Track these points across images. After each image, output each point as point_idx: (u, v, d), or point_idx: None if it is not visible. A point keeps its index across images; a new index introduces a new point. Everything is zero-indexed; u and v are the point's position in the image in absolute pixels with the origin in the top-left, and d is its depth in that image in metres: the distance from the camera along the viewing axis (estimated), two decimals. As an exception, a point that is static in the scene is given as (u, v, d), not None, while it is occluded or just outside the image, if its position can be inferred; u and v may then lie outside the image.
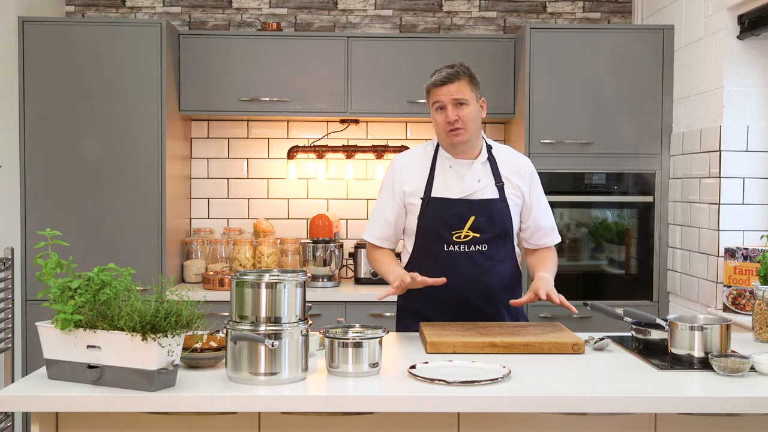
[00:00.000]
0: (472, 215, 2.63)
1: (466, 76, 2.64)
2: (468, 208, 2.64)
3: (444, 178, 2.69)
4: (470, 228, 2.63)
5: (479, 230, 2.64)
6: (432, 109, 2.68)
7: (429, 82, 2.67)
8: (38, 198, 3.76)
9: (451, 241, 2.64)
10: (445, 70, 2.65)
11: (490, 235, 2.65)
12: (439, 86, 2.63)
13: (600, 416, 2.02)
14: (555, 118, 3.83)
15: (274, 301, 1.98)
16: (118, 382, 1.91)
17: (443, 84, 2.62)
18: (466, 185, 2.67)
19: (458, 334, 2.41)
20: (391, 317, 3.77)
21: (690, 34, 3.65)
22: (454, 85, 2.61)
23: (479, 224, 2.63)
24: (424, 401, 1.90)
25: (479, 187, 2.67)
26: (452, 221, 2.64)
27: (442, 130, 2.65)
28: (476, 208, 2.64)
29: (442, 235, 2.64)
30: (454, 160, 2.70)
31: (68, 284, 1.95)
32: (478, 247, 2.64)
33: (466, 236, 2.63)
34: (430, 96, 2.67)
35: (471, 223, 2.63)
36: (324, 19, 4.41)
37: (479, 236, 2.64)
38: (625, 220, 3.96)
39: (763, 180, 3.37)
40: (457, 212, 2.64)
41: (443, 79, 2.62)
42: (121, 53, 3.76)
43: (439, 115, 2.65)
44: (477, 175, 2.68)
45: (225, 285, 3.86)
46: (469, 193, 2.66)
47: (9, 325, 3.59)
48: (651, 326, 2.41)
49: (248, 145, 4.39)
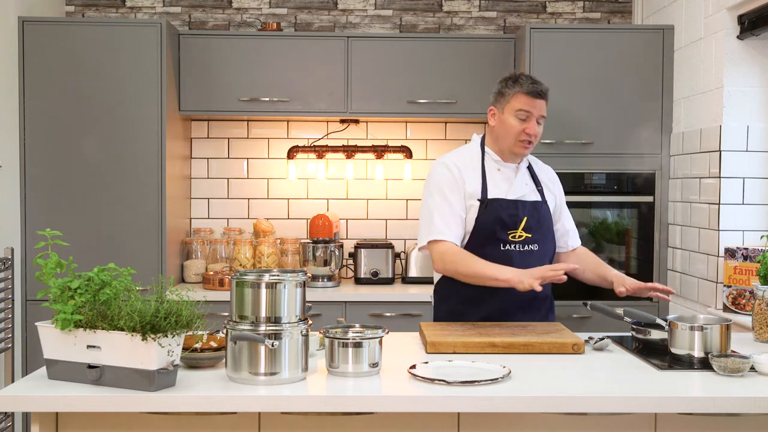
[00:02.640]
0: (525, 216, 2.71)
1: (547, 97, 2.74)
2: (521, 209, 2.72)
3: (495, 181, 2.76)
4: (523, 228, 2.70)
5: (530, 230, 2.71)
6: (510, 113, 2.71)
7: (523, 88, 2.69)
8: (38, 198, 3.76)
9: (507, 240, 2.69)
10: (540, 85, 2.71)
11: (539, 236, 2.73)
12: (534, 98, 2.69)
13: (600, 416, 2.02)
14: (555, 118, 3.82)
15: (274, 301, 1.98)
16: (118, 382, 1.91)
17: (540, 97, 2.70)
18: (516, 187, 2.75)
19: (458, 334, 2.41)
20: (392, 317, 3.78)
21: (690, 34, 3.64)
22: (544, 102, 2.72)
23: (530, 225, 2.72)
24: (424, 401, 1.90)
25: (527, 190, 2.77)
26: (509, 221, 2.70)
27: (515, 137, 2.71)
28: (528, 210, 2.73)
29: (499, 235, 2.69)
30: (502, 164, 2.78)
31: (68, 284, 1.95)
32: (530, 247, 2.71)
33: (520, 236, 2.70)
34: (517, 101, 2.70)
35: (524, 224, 2.70)
36: (324, 19, 4.41)
37: (531, 236, 2.71)
38: (625, 220, 3.96)
39: (763, 180, 3.36)
40: (514, 213, 2.70)
41: (541, 93, 2.70)
42: (121, 53, 3.76)
43: (519, 124, 2.70)
44: (524, 179, 2.79)
45: (225, 285, 3.86)
46: (520, 194, 2.75)
47: (9, 325, 3.59)
48: (651, 326, 2.41)
49: (248, 145, 4.39)
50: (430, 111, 4.02)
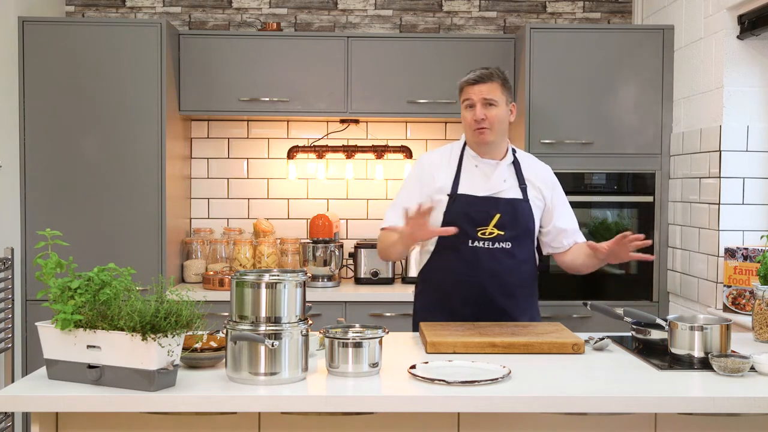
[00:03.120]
0: (497, 213, 2.69)
1: (499, 78, 2.72)
2: (494, 206, 2.70)
3: (470, 176, 2.75)
4: (495, 225, 2.68)
5: (503, 228, 2.69)
6: (462, 106, 2.76)
7: (463, 79, 2.75)
8: (38, 198, 3.75)
9: (476, 237, 2.68)
10: (480, 70, 2.73)
11: (513, 234, 2.70)
12: (471, 84, 2.70)
13: (600, 416, 2.02)
14: (555, 118, 3.82)
15: (274, 301, 1.98)
16: (118, 382, 1.91)
17: (476, 83, 2.70)
18: (492, 184, 2.73)
19: (458, 334, 2.41)
20: (392, 317, 3.78)
21: (690, 34, 3.64)
22: (486, 85, 2.69)
23: (503, 222, 2.69)
24: (424, 401, 1.90)
25: (505, 187, 2.74)
26: (478, 218, 2.69)
27: (469, 127, 2.72)
28: (502, 207, 2.70)
29: (467, 231, 2.67)
30: (481, 160, 2.76)
31: (68, 284, 1.95)
32: (501, 245, 2.69)
33: (490, 233, 2.68)
34: (462, 93, 2.75)
35: (496, 221, 2.68)
36: (324, 19, 4.41)
37: (503, 234, 2.69)
38: (625, 220, 3.96)
39: (763, 180, 3.36)
40: (483, 209, 2.69)
41: (476, 78, 2.70)
42: (121, 53, 3.76)
43: (468, 113, 2.72)
44: (503, 175, 2.75)
45: (225, 285, 3.86)
46: (495, 191, 2.73)
47: (9, 325, 3.59)
48: (651, 326, 2.41)
49: (248, 145, 4.39)
50: (430, 111, 4.02)
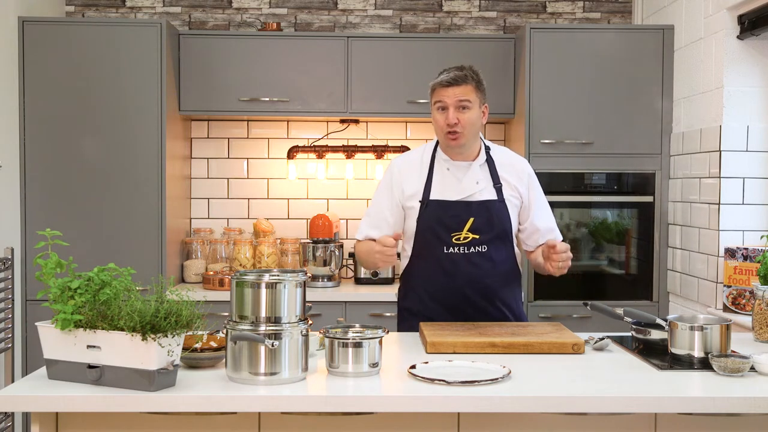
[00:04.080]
0: (471, 217, 2.63)
1: (473, 80, 2.62)
2: (467, 210, 2.64)
3: (442, 181, 2.69)
4: (469, 230, 2.63)
5: (478, 231, 2.63)
6: (433, 108, 2.67)
7: (435, 80, 2.65)
8: (38, 198, 3.75)
9: (450, 243, 2.64)
10: (453, 71, 2.62)
11: (489, 236, 2.65)
12: (444, 87, 2.61)
13: (600, 416, 2.02)
14: (555, 118, 3.82)
15: (274, 301, 1.98)
16: (118, 382, 1.91)
17: (449, 85, 2.60)
18: (464, 187, 2.67)
19: (458, 334, 2.41)
20: (392, 317, 3.78)
21: (690, 34, 3.64)
22: (460, 88, 2.60)
23: (478, 225, 2.63)
24: (424, 401, 1.90)
25: (477, 189, 2.67)
26: (451, 223, 2.63)
27: (441, 130, 2.65)
28: (475, 210, 2.64)
29: (441, 237, 2.64)
30: (452, 162, 2.70)
31: (68, 284, 1.95)
32: (477, 249, 2.64)
33: (465, 238, 2.63)
34: (434, 95, 2.65)
35: (470, 225, 2.63)
36: (324, 19, 4.41)
37: (479, 237, 2.63)
38: (625, 220, 3.96)
39: (763, 180, 3.36)
40: (456, 214, 2.64)
41: (450, 80, 2.60)
42: (121, 53, 3.76)
43: (440, 116, 2.63)
44: (475, 177, 2.68)
45: (225, 285, 3.86)
46: (467, 194, 2.66)
47: (9, 325, 3.59)
48: (651, 326, 2.41)
49: (248, 145, 4.39)
50: (430, 111, 4.01)
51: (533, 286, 3.81)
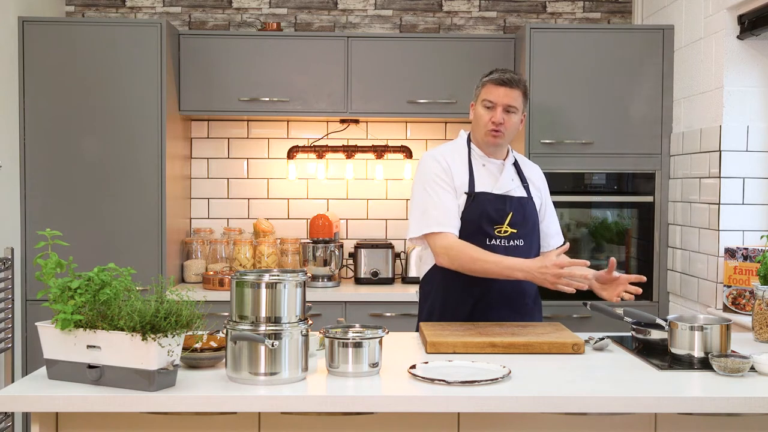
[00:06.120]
0: (510, 211, 2.70)
1: (523, 87, 2.70)
2: (508, 204, 2.71)
3: (481, 176, 2.75)
4: (509, 224, 2.69)
5: (516, 226, 2.70)
6: (479, 103, 2.72)
7: (489, 77, 2.70)
8: (38, 198, 3.75)
9: (493, 235, 2.68)
10: (508, 72, 2.70)
11: (524, 231, 2.72)
12: (497, 85, 2.67)
13: (600, 416, 2.02)
14: (555, 118, 3.82)
15: (274, 301, 1.98)
16: (118, 382, 1.91)
17: (503, 85, 2.66)
18: (503, 183, 2.74)
19: (458, 334, 2.41)
20: (392, 317, 3.78)
21: (690, 34, 3.64)
22: (511, 91, 2.67)
23: (516, 220, 2.70)
24: (424, 401, 1.90)
25: (513, 186, 2.76)
26: (495, 216, 2.69)
27: (483, 126, 2.70)
28: (514, 205, 2.72)
29: (485, 229, 2.68)
30: (488, 159, 2.77)
31: (68, 284, 1.95)
32: (515, 243, 2.70)
33: (505, 231, 2.69)
34: (484, 91, 2.70)
35: (510, 219, 2.69)
36: (324, 19, 4.41)
37: (516, 232, 2.70)
38: (625, 220, 3.96)
39: (763, 180, 3.36)
40: (500, 207, 2.70)
41: (505, 80, 2.66)
42: (121, 53, 3.76)
43: (486, 113, 2.69)
44: (510, 174, 2.77)
45: (225, 285, 3.86)
46: (507, 190, 2.74)
47: (9, 325, 3.59)
48: (651, 326, 2.41)
49: (248, 145, 4.39)
50: (430, 111, 4.02)
51: (533, 286, 3.81)
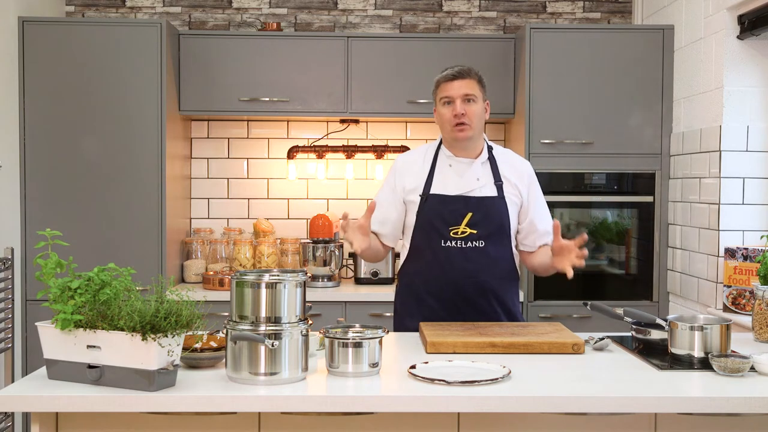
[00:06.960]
0: (469, 212, 2.67)
1: (476, 76, 2.72)
2: (465, 205, 2.67)
3: (443, 176, 2.73)
4: (467, 224, 2.66)
5: (476, 227, 2.66)
6: (439, 104, 2.73)
7: (439, 76, 2.73)
8: (38, 198, 3.75)
9: (448, 236, 2.67)
10: (456, 67, 2.72)
11: (486, 232, 2.67)
12: (450, 80, 2.69)
13: (600, 416, 2.02)
14: (555, 118, 3.82)
15: (274, 301, 1.98)
16: (118, 382, 1.91)
17: (454, 79, 2.68)
18: (464, 182, 2.70)
19: (458, 334, 2.41)
20: (392, 317, 3.77)
21: (690, 34, 3.65)
22: (465, 82, 2.68)
23: (476, 221, 2.66)
24: (424, 401, 1.90)
25: (478, 185, 2.71)
26: (449, 217, 2.67)
27: (448, 123, 2.69)
28: (474, 205, 2.67)
29: (439, 231, 2.67)
30: (455, 159, 2.74)
31: (68, 284, 1.95)
32: (474, 244, 2.66)
33: (463, 232, 2.66)
34: (439, 90, 2.72)
35: (468, 220, 2.66)
36: (324, 19, 4.41)
37: (476, 233, 2.66)
38: (625, 220, 3.96)
39: (763, 180, 3.36)
40: (455, 208, 2.67)
41: (455, 74, 2.69)
42: (121, 53, 3.76)
43: (446, 109, 2.69)
44: (476, 174, 2.72)
45: (225, 285, 3.86)
46: (467, 190, 2.70)
47: (9, 325, 3.59)
48: (651, 326, 2.41)
49: (248, 145, 4.39)
50: (430, 111, 3.98)
51: (533, 286, 3.81)
